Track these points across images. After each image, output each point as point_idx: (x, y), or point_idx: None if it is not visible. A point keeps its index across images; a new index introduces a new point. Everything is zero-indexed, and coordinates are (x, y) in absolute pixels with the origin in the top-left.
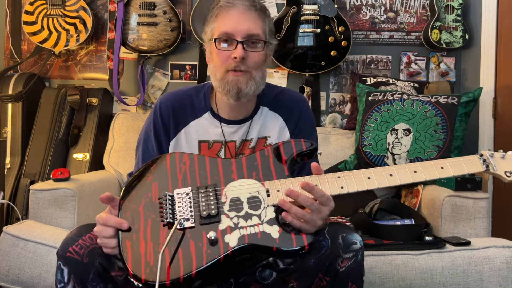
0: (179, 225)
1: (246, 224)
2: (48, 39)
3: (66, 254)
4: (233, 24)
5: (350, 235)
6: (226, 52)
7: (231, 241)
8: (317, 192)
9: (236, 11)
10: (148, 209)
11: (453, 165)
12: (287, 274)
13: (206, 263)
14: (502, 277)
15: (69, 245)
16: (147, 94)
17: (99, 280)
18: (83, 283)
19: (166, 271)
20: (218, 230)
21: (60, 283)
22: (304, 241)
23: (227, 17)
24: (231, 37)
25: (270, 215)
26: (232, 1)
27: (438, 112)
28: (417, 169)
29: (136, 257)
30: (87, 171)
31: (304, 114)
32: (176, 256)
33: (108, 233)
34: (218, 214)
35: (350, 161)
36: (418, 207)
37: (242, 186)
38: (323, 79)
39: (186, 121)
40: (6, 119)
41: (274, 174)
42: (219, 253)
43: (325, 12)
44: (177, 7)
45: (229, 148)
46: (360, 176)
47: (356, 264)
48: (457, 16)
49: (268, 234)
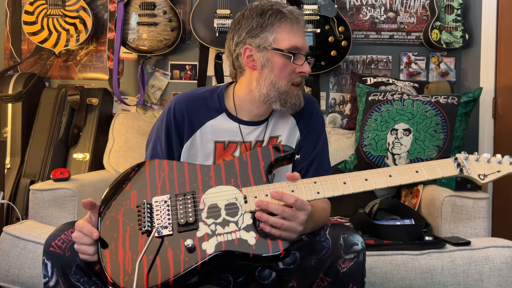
0: (157, 233)
1: (223, 231)
2: (48, 39)
3: (49, 248)
4: (301, 40)
5: (351, 236)
6: (292, 65)
7: (208, 248)
8: (288, 198)
9: (301, 28)
10: (127, 217)
11: (428, 169)
12: (287, 274)
13: (184, 270)
14: (502, 277)
15: (52, 240)
16: (147, 94)
17: (82, 274)
18: (65, 276)
19: (144, 279)
20: (195, 237)
21: (44, 277)
22: (280, 247)
23: (295, 32)
24: (299, 52)
25: (247, 222)
26: (298, 17)
27: (438, 112)
28: (392, 173)
29: (115, 265)
30: (87, 171)
31: (315, 115)
32: (154, 264)
33: (86, 241)
34: (196, 221)
35: (350, 161)
36: (418, 207)
37: (220, 192)
38: (323, 79)
39: (202, 122)
40: (6, 119)
41: (252, 181)
42: (196, 260)
43: (325, 12)
44: (177, 7)
45: (246, 148)
46: (336, 181)
47: (357, 265)
48: (457, 16)
49: (244, 241)
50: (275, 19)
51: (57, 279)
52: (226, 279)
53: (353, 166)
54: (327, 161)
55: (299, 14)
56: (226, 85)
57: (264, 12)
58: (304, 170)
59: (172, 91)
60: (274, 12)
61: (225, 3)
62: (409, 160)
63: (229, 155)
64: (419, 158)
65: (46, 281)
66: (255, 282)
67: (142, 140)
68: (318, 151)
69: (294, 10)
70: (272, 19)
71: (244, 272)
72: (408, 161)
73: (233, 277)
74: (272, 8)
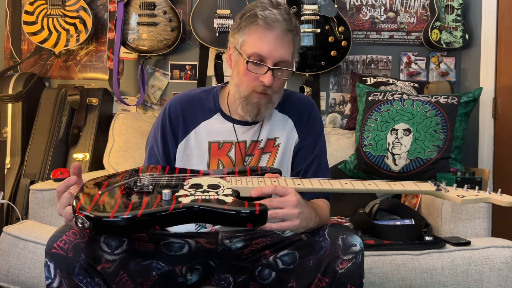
0: (138, 188)
1: (202, 194)
2: (48, 39)
3: (51, 250)
4: (268, 48)
5: (350, 237)
6: (255, 74)
7: (184, 200)
8: (267, 189)
9: (273, 35)
10: (111, 183)
11: (407, 184)
12: (287, 274)
13: (155, 210)
14: (502, 277)
15: (54, 242)
16: (147, 94)
17: (86, 274)
18: (69, 277)
19: (114, 207)
20: (174, 195)
21: (47, 279)
22: (256, 206)
23: (263, 39)
24: (263, 61)
25: (227, 192)
26: (272, 23)
27: (438, 112)
28: (371, 182)
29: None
30: (87, 171)
31: (313, 116)
32: (127, 201)
33: (65, 202)
34: (177, 186)
35: (350, 161)
36: (418, 207)
37: (205, 178)
38: (323, 79)
39: (196, 122)
40: (6, 119)
41: (237, 173)
42: (170, 206)
43: (325, 12)
44: (177, 7)
45: (240, 148)
46: (317, 181)
47: (355, 266)
48: (457, 16)
49: (221, 200)
50: (248, 22)
51: (60, 280)
52: (226, 279)
53: (353, 166)
54: (326, 162)
55: (275, 20)
56: (222, 85)
57: (244, 13)
58: (303, 172)
59: (172, 91)
60: (251, 14)
61: (225, 3)
62: (409, 160)
63: (224, 155)
64: (419, 158)
65: (49, 283)
66: (255, 282)
67: (142, 140)
68: (317, 153)
69: (270, 15)
70: (246, 22)
71: (244, 272)
72: (408, 161)
73: (233, 277)
74: (252, 10)
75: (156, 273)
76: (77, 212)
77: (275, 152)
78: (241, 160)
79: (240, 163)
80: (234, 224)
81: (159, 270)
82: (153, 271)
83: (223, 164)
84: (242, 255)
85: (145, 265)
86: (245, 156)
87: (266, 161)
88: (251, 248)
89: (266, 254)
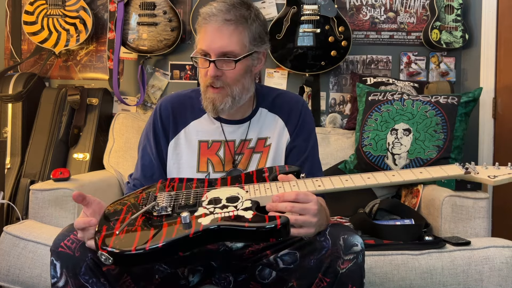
0: (157, 212)
1: (221, 211)
2: (48, 39)
3: (58, 249)
4: (207, 41)
5: (351, 237)
6: (203, 69)
7: (203, 222)
8: (289, 196)
9: (211, 28)
10: (131, 207)
11: (433, 170)
12: (287, 274)
13: (176, 236)
14: (502, 277)
15: (61, 241)
16: (147, 94)
17: (91, 274)
18: (75, 276)
19: (134, 240)
20: (193, 216)
21: (53, 278)
22: (277, 220)
23: (204, 34)
24: (206, 55)
25: (246, 205)
26: (207, 17)
27: (438, 112)
28: (395, 174)
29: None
30: (87, 171)
31: (304, 115)
32: (147, 230)
33: (90, 234)
34: (196, 205)
35: (350, 161)
36: (418, 207)
37: (223, 190)
38: (323, 79)
39: (186, 122)
40: (6, 119)
41: (255, 181)
42: (190, 230)
43: (325, 12)
44: (177, 7)
45: (229, 147)
46: (337, 178)
47: (356, 266)
48: (457, 16)
49: (241, 216)
50: (198, 24)
51: (66, 279)
52: (226, 279)
53: (353, 166)
54: (318, 161)
55: (211, 14)
56: None
57: None
58: None
59: (172, 91)
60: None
61: None
62: (409, 160)
63: (214, 154)
64: (419, 158)
65: (54, 282)
66: (255, 281)
67: None
68: (310, 152)
69: (207, 10)
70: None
71: (244, 272)
72: (408, 161)
73: (233, 276)
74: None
75: (159, 276)
76: (100, 249)
77: (266, 152)
78: (231, 159)
79: (230, 162)
80: (257, 240)
81: (162, 273)
82: (156, 274)
83: (213, 163)
84: (243, 255)
85: (148, 268)
86: (235, 155)
87: (257, 160)
88: (252, 248)
89: (267, 254)
